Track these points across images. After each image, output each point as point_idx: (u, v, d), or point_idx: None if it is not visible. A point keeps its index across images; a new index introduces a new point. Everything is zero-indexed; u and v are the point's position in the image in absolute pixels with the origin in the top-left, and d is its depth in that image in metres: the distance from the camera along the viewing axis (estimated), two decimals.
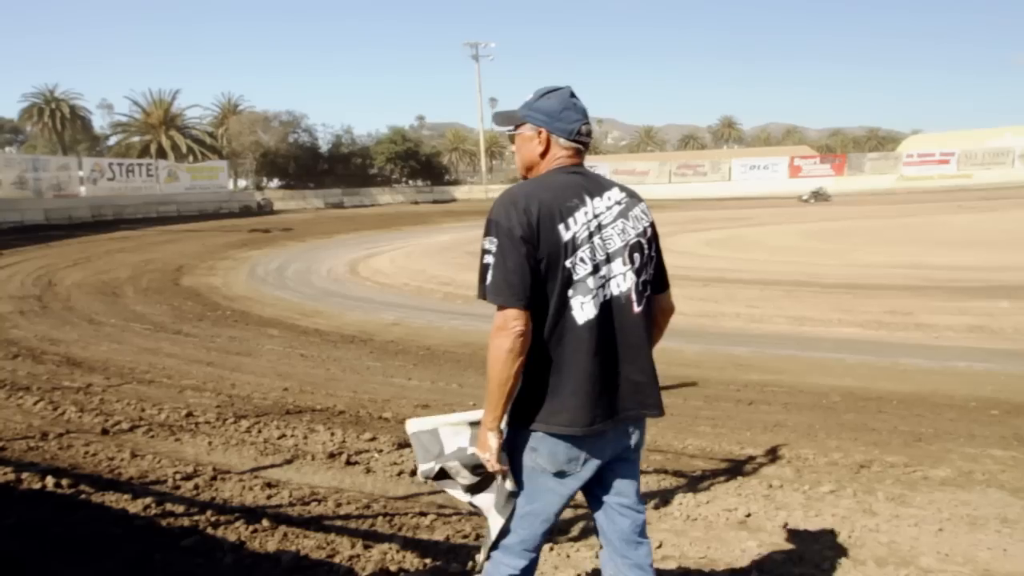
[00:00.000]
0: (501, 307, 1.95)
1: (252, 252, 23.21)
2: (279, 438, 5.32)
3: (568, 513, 3.85)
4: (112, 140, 60.10)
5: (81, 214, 36.40)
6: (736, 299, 11.43)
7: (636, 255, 2.08)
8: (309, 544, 3.38)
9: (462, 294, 13.38)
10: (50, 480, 4.12)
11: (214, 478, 4.41)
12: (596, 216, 2.04)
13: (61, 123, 59.78)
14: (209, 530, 3.51)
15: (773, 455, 4.91)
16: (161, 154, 52.03)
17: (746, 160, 60.73)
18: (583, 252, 1.99)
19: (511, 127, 2.20)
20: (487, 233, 2.00)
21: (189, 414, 5.89)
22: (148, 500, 3.85)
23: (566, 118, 2.10)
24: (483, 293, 2.00)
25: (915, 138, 73.64)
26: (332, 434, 5.38)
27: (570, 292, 1.99)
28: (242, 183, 59.76)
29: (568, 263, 1.97)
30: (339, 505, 4.00)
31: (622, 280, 2.04)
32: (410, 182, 64.11)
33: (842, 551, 3.33)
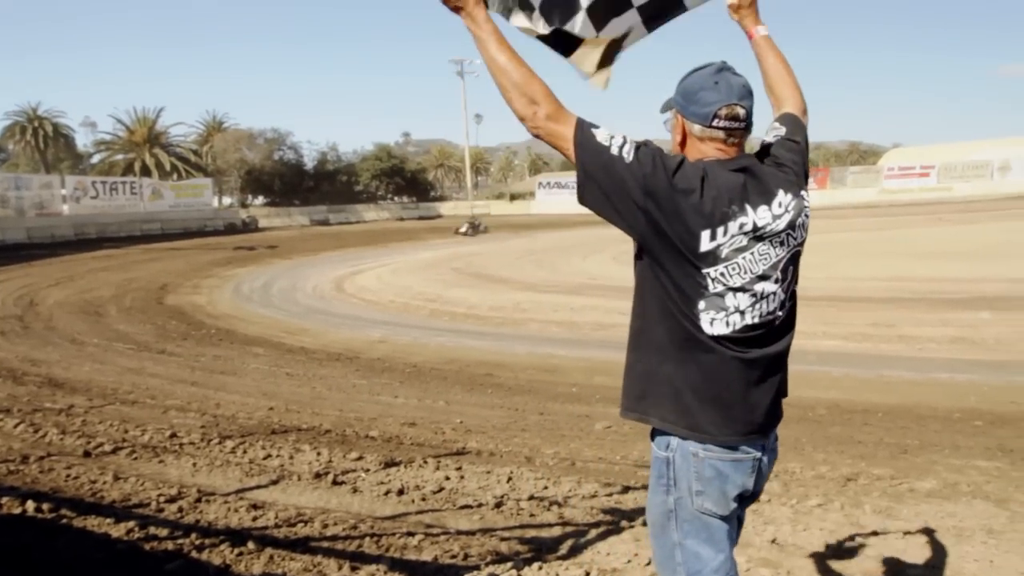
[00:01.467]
0: (572, 127, 1.76)
1: (237, 270, 23.09)
2: (264, 458, 5.27)
3: (556, 531, 3.84)
4: (95, 158, 59.74)
5: (64, 233, 36.10)
6: None
7: (791, 268, 1.83)
8: (295, 567, 3.35)
9: (448, 311, 13.37)
10: (31, 504, 4.06)
11: (198, 500, 4.36)
12: (757, 228, 1.74)
13: (44, 141, 59.38)
14: (193, 554, 3.47)
15: None
16: (145, 172, 51.79)
17: None
18: (726, 268, 1.73)
19: (667, 113, 1.92)
20: (638, 141, 1.76)
21: (173, 435, 5.83)
22: (131, 524, 3.79)
23: (702, 100, 1.78)
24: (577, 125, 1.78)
25: (896, 151, 74.40)
26: (318, 454, 5.34)
27: (701, 304, 1.74)
28: (227, 200, 59.54)
29: (705, 272, 1.72)
30: (325, 526, 3.96)
31: (772, 299, 1.79)
32: (396, 199, 64.13)
33: (830, 565, 3.34)
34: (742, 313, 1.76)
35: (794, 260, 1.83)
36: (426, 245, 31.87)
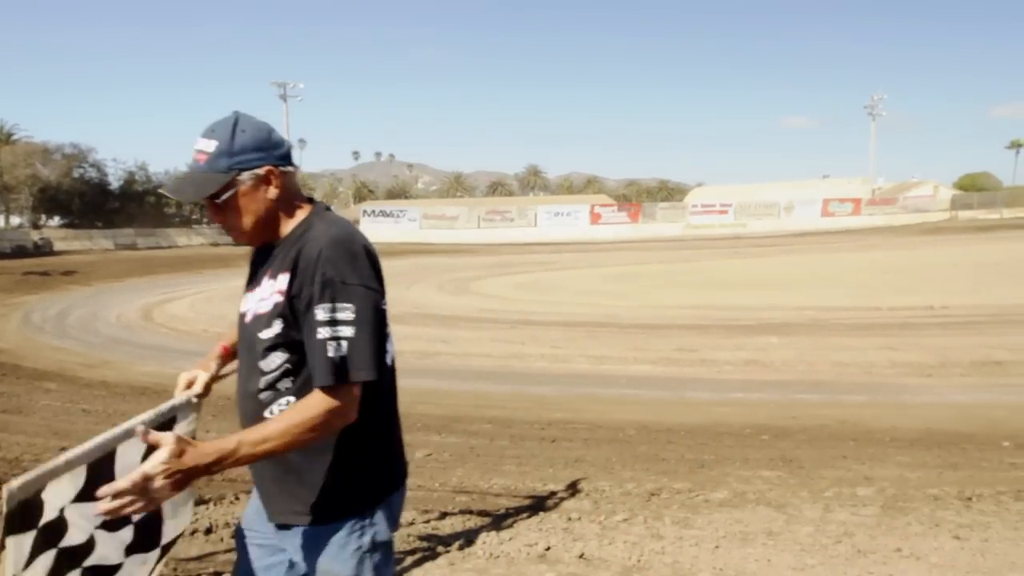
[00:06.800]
0: (349, 384, 1.65)
1: (27, 297, 20.95)
2: None
3: None
4: None
5: None
6: (541, 340, 11.87)
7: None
8: None
9: None
10: None
11: None
12: None
13: None
14: None
15: (573, 489, 5.15)
16: None
17: (551, 207, 63.66)
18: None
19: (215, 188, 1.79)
20: (337, 299, 1.65)
21: None
22: None
23: (279, 142, 1.84)
24: (334, 373, 1.64)
25: (699, 190, 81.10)
26: None
27: (388, 345, 1.87)
28: (15, 220, 54.00)
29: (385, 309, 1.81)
30: None
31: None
32: (212, 224, 61.01)
33: (630, 574, 3.56)
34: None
35: None
36: (244, 272, 30.44)
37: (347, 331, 1.64)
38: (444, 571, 3.63)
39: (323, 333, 1.64)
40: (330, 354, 1.63)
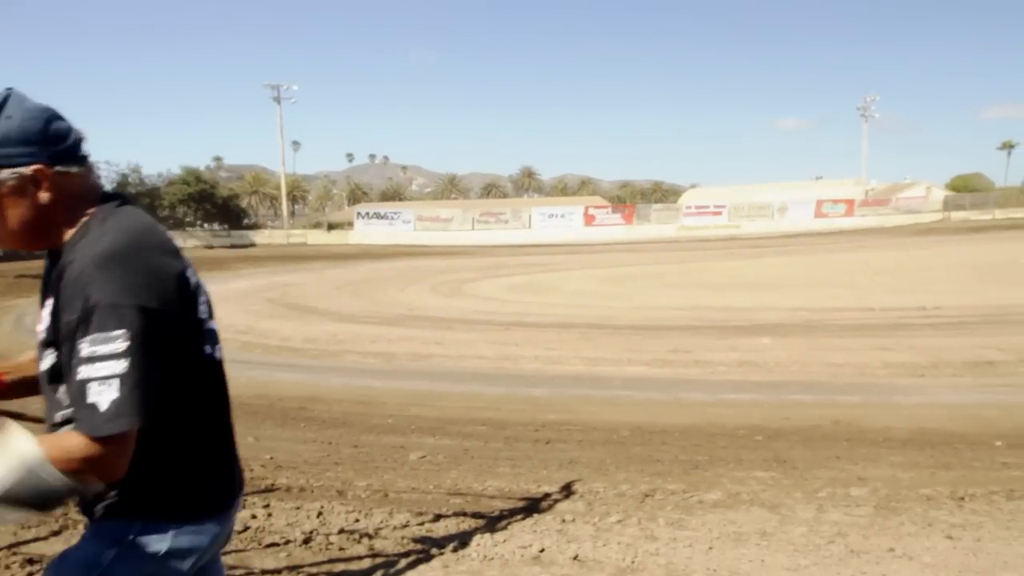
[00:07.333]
0: (114, 436, 1.35)
1: (19, 300, 20.86)
2: None
3: (365, 563, 3.80)
4: None
5: None
6: (535, 342, 11.87)
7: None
8: None
9: (260, 343, 12.86)
10: None
11: None
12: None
13: None
14: None
15: (567, 491, 5.14)
16: None
17: (545, 208, 63.73)
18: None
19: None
20: (101, 328, 1.35)
21: None
22: None
23: (60, 133, 1.49)
24: (94, 422, 1.33)
25: (693, 191, 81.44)
26: None
27: (212, 349, 1.76)
28: None
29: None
30: None
31: None
32: (206, 226, 60.90)
33: None
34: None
35: None
36: (238, 275, 30.43)
37: (112, 367, 1.35)
38: (438, 573, 3.61)
39: (84, 372, 1.35)
40: (91, 399, 1.34)
